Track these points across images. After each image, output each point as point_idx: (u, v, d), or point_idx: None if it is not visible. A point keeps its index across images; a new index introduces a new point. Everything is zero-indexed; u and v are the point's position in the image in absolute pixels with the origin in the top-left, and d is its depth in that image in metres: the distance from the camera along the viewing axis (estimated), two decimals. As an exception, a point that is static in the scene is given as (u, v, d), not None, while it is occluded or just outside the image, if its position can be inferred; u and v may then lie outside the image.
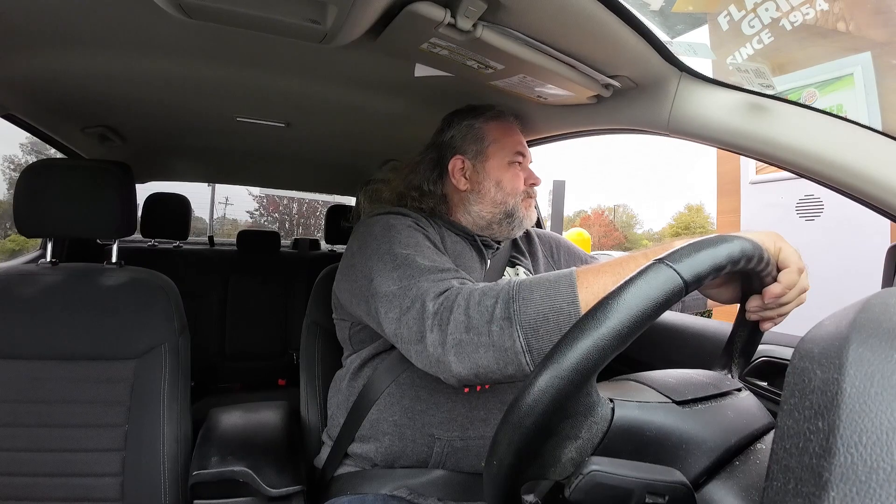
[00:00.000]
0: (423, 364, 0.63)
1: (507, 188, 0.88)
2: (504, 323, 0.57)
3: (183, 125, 1.38)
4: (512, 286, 0.60)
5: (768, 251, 0.47)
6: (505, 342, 0.57)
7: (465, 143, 0.90)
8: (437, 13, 0.59)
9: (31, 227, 0.92)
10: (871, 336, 0.26)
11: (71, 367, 0.87)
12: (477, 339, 0.58)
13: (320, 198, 7.74)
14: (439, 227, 0.86)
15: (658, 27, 0.71)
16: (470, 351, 0.59)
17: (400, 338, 0.66)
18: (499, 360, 0.58)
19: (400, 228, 0.76)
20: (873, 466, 0.21)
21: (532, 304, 0.57)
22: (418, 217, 0.83)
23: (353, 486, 0.79)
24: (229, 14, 0.63)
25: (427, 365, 0.63)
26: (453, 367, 0.60)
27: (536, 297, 0.58)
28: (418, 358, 0.63)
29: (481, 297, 0.60)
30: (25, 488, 0.82)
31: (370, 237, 0.77)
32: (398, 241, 0.73)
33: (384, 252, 0.72)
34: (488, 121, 0.91)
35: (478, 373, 0.59)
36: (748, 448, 0.43)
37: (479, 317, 0.59)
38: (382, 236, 0.75)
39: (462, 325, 0.59)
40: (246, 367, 2.15)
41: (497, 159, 0.89)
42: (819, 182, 0.65)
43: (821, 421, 0.24)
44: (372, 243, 0.75)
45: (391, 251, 0.72)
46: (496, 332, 0.58)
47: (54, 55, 0.86)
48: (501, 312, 0.58)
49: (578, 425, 0.39)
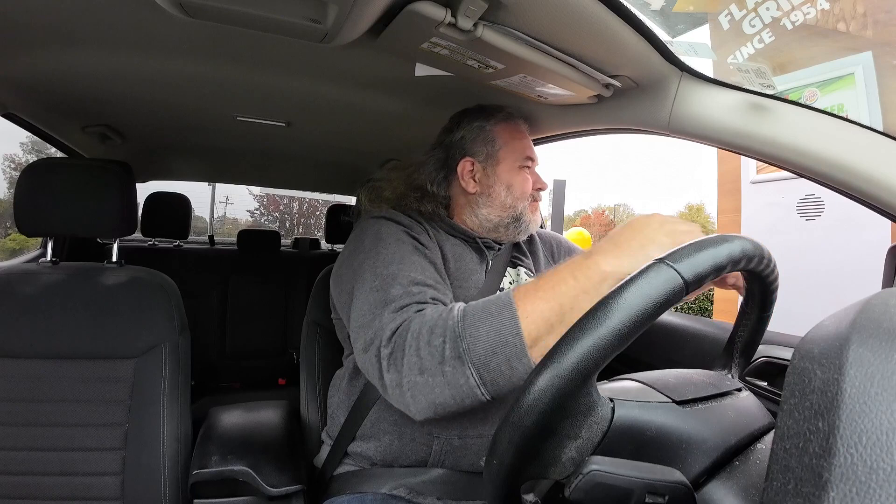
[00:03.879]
0: (388, 399, 0.66)
1: (517, 192, 0.88)
2: (456, 363, 0.59)
3: (183, 124, 1.38)
4: (457, 321, 0.61)
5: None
6: (459, 380, 0.59)
7: (476, 145, 0.89)
8: (438, 13, 0.59)
9: (32, 226, 0.92)
10: (871, 336, 0.26)
11: (71, 366, 0.87)
12: (431, 380, 0.60)
13: (321, 197, 7.74)
14: (437, 231, 0.86)
15: (659, 27, 0.71)
16: (426, 392, 0.61)
17: (365, 371, 0.68)
18: (455, 397, 0.60)
19: (388, 241, 0.76)
20: (873, 466, 0.21)
21: (480, 341, 0.58)
22: (412, 223, 0.82)
23: (353, 486, 0.79)
24: (230, 13, 0.63)
25: (391, 401, 0.66)
26: (411, 407, 0.63)
27: (483, 332, 0.59)
28: (383, 392, 0.66)
29: (430, 335, 0.61)
30: (25, 487, 0.82)
31: (360, 250, 0.77)
32: (382, 259, 0.73)
33: (366, 270, 0.73)
34: (499, 123, 0.90)
35: (436, 410, 0.62)
36: (748, 448, 0.43)
37: (431, 358, 0.60)
38: (371, 250, 0.76)
39: (415, 367, 0.61)
40: (246, 366, 2.15)
41: (508, 163, 0.88)
42: (819, 182, 0.65)
43: (821, 421, 0.24)
44: (359, 256, 0.76)
45: (373, 270, 0.72)
46: (449, 371, 0.59)
47: (55, 54, 0.86)
48: (451, 352, 0.59)
49: (578, 425, 0.39)
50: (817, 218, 2.81)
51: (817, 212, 2.81)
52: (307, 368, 1.03)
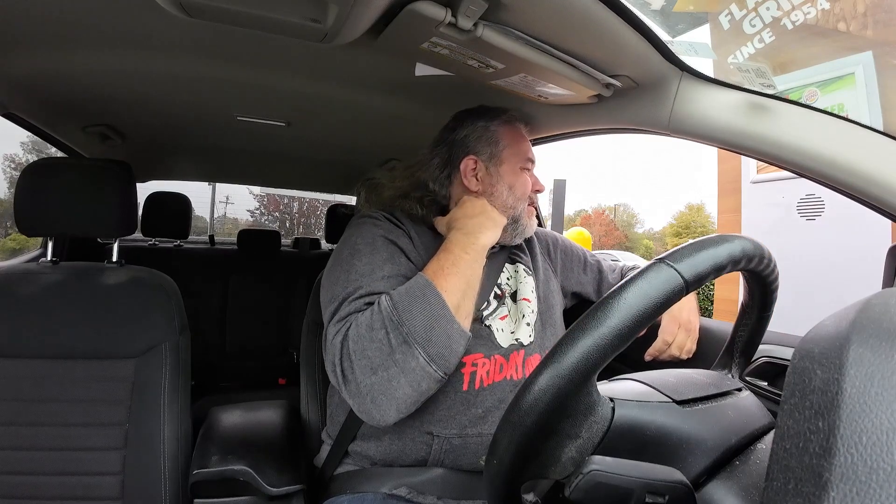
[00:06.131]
0: (356, 413, 0.69)
1: (518, 193, 0.89)
2: (404, 347, 0.65)
3: (184, 124, 1.38)
4: (390, 310, 0.67)
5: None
6: (410, 363, 0.64)
7: (479, 144, 0.89)
8: (438, 12, 0.59)
9: (32, 225, 0.92)
10: (872, 336, 0.26)
11: (71, 365, 0.87)
12: (386, 373, 0.65)
13: (321, 197, 7.73)
14: (422, 235, 0.86)
15: (659, 26, 0.71)
16: (385, 389, 0.65)
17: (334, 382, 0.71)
18: (412, 384, 0.65)
19: (363, 252, 0.78)
20: (873, 466, 0.21)
21: (416, 320, 0.66)
22: (391, 227, 0.83)
23: (353, 485, 0.79)
24: (230, 13, 0.63)
25: (358, 414, 0.69)
26: (375, 413, 0.66)
27: (416, 312, 0.66)
28: (350, 403, 0.69)
29: (368, 331, 0.66)
30: (25, 487, 0.82)
31: (338, 260, 0.80)
32: (354, 268, 0.76)
33: (337, 277, 0.77)
34: (502, 125, 0.91)
35: (398, 407, 0.66)
36: (748, 448, 0.43)
37: (379, 353, 0.65)
38: (347, 261, 0.78)
39: (367, 369, 0.65)
40: (246, 366, 2.15)
41: (510, 164, 0.89)
42: (819, 182, 0.65)
43: (821, 421, 0.24)
44: (335, 270, 0.79)
45: (346, 277, 0.76)
46: (400, 359, 0.65)
47: (55, 54, 0.86)
48: (396, 339, 0.65)
49: (579, 424, 0.39)
50: (817, 218, 2.81)
51: (817, 212, 2.81)
52: (307, 368, 1.03)
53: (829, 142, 0.62)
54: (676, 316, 0.88)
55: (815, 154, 0.63)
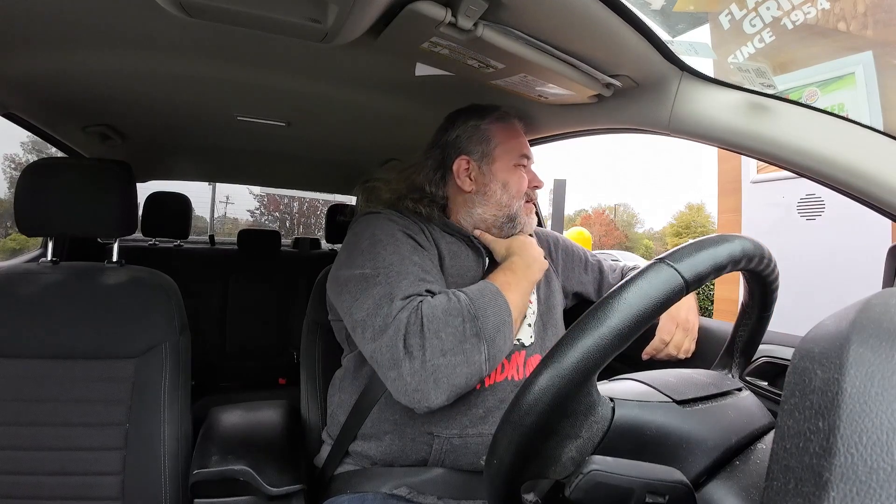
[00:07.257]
0: (398, 393, 0.66)
1: (513, 190, 0.88)
2: (474, 340, 0.66)
3: (184, 124, 1.38)
4: (468, 303, 0.68)
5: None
6: (475, 356, 0.66)
7: (471, 144, 0.89)
8: (438, 12, 0.59)
9: (32, 225, 0.92)
10: (872, 336, 0.26)
11: (72, 365, 0.87)
12: (453, 359, 0.65)
13: (321, 197, 7.73)
14: (433, 230, 0.86)
15: (659, 26, 0.71)
16: (448, 373, 0.65)
17: (376, 363, 0.69)
18: (468, 376, 0.66)
19: (386, 239, 0.77)
20: (873, 466, 0.21)
21: (489, 320, 0.68)
22: (408, 223, 0.83)
23: (353, 485, 0.79)
24: (230, 13, 0.63)
25: (403, 394, 0.66)
26: (430, 393, 0.65)
27: (490, 313, 0.68)
28: (394, 386, 0.67)
29: (446, 317, 0.66)
30: (26, 487, 0.82)
31: (356, 252, 0.78)
32: (381, 255, 0.75)
33: (367, 267, 0.74)
34: (494, 122, 0.90)
35: (449, 395, 0.65)
36: (748, 448, 0.43)
37: (453, 338, 0.65)
38: (369, 248, 0.76)
39: (437, 349, 0.65)
40: (246, 365, 2.15)
41: (503, 161, 0.89)
42: (820, 182, 0.65)
43: (821, 421, 0.24)
44: (357, 259, 0.77)
45: (374, 266, 0.74)
46: (469, 349, 0.66)
47: (55, 54, 0.86)
48: (471, 331, 0.66)
49: (579, 424, 0.39)
50: (817, 218, 2.81)
51: (817, 212, 2.81)
52: (307, 368, 1.03)
53: (829, 142, 0.62)
54: (674, 315, 0.88)
55: (815, 154, 0.63)
